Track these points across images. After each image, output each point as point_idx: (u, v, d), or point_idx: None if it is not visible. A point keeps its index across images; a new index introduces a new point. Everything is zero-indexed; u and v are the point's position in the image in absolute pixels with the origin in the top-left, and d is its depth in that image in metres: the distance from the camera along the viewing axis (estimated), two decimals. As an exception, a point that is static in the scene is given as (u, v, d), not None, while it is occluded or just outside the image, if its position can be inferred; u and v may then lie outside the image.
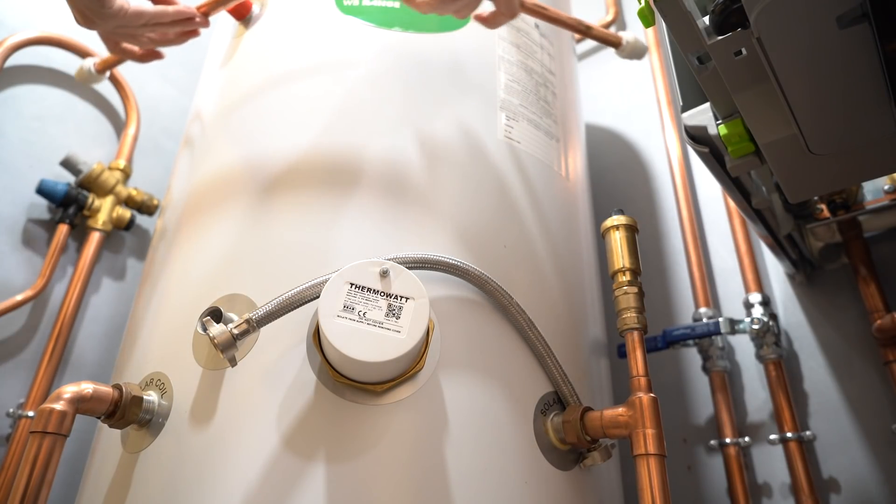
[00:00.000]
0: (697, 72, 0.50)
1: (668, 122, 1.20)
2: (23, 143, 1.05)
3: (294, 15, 0.81)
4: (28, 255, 1.02)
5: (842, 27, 0.40)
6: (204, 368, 0.59)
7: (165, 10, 0.73)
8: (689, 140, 0.60)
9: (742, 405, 0.97)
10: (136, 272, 1.18)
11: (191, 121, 0.88)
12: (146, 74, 1.26)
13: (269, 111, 0.74)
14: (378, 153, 0.68)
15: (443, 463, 0.54)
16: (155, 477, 0.55)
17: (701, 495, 0.97)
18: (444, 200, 0.67)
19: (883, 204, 0.81)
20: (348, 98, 0.72)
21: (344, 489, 0.51)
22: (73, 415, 0.51)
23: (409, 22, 0.78)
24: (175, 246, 0.73)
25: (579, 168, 0.89)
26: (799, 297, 0.99)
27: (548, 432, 0.61)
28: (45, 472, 0.48)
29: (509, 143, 0.75)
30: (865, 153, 0.53)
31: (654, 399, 0.55)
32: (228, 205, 0.69)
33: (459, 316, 0.61)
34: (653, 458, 0.52)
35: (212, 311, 0.57)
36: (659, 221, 1.18)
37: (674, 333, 0.97)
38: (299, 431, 0.53)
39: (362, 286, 0.53)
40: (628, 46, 0.88)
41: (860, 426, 0.87)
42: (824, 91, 0.45)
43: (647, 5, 0.47)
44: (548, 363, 0.63)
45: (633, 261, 0.62)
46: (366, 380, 0.54)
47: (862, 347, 0.91)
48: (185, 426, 0.56)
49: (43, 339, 1.01)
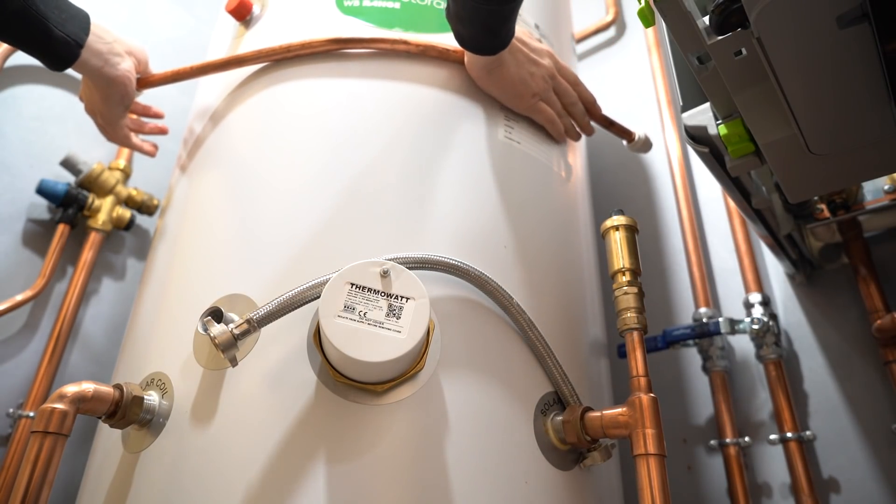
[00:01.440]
0: (697, 72, 0.50)
1: (668, 122, 1.20)
2: (23, 143, 1.05)
3: (294, 16, 0.81)
4: (28, 255, 1.02)
5: (842, 27, 0.40)
6: (205, 368, 0.59)
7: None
8: (689, 140, 0.61)
9: (742, 405, 0.98)
10: (136, 272, 1.18)
11: (191, 121, 0.88)
12: (146, 74, 1.26)
13: (270, 111, 0.74)
14: (378, 153, 0.68)
15: (443, 463, 0.54)
16: (156, 477, 0.55)
17: (701, 495, 0.97)
18: (444, 200, 0.67)
19: (883, 204, 0.81)
20: (349, 98, 0.72)
21: (344, 489, 0.51)
22: (73, 415, 0.51)
23: (410, 22, 0.78)
24: (176, 246, 0.73)
25: (579, 168, 0.89)
26: (799, 297, 0.99)
27: (548, 432, 0.61)
28: (46, 471, 0.48)
29: (509, 143, 0.75)
30: (865, 153, 0.53)
31: (654, 399, 0.55)
32: (229, 204, 0.69)
33: (460, 316, 0.62)
34: (653, 458, 0.52)
35: (212, 311, 0.57)
36: (659, 221, 1.18)
37: (674, 333, 0.97)
38: (300, 431, 0.53)
39: (363, 286, 0.53)
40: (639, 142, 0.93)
41: (860, 426, 0.87)
42: (824, 91, 0.45)
43: (647, 5, 0.47)
44: (548, 363, 0.63)
45: (633, 261, 0.62)
46: (366, 380, 0.54)
47: (862, 347, 0.91)
48: (185, 426, 0.56)
49: (43, 339, 1.01)
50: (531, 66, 0.76)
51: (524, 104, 0.77)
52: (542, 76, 0.76)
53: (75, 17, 0.71)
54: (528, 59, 0.75)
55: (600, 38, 1.44)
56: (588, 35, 1.43)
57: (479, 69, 0.74)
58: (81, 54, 0.72)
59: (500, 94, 0.76)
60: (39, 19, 0.66)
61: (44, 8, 0.66)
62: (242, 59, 0.77)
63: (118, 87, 0.77)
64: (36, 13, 0.66)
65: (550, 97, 0.79)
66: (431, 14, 0.79)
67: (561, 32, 0.97)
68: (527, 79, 0.75)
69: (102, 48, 0.74)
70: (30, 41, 0.68)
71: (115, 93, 0.78)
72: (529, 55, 0.76)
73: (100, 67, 0.74)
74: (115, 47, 0.77)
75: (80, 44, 0.71)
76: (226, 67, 0.79)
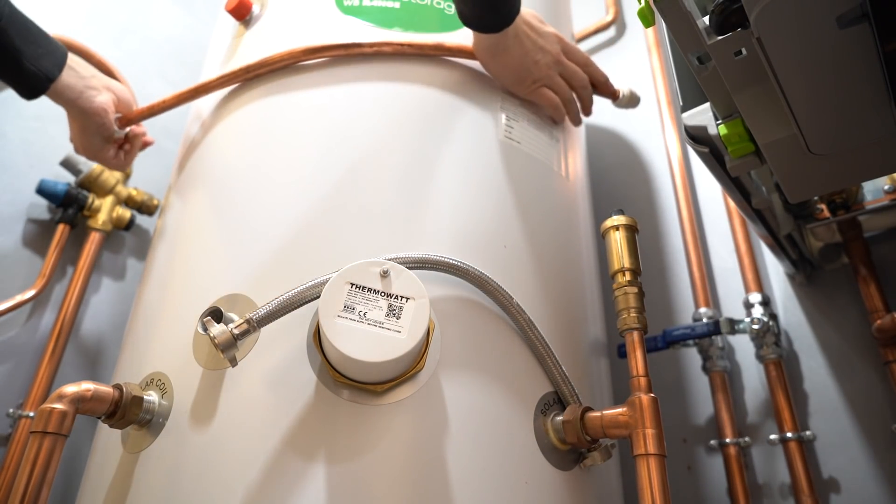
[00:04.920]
0: (697, 72, 0.50)
1: (668, 122, 1.20)
2: (23, 143, 1.05)
3: (294, 15, 0.81)
4: (28, 255, 1.02)
5: (842, 27, 0.40)
6: (204, 368, 0.59)
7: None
8: (689, 140, 0.61)
9: (742, 405, 0.97)
10: (136, 272, 1.18)
11: (191, 121, 0.88)
12: (146, 74, 1.26)
13: (267, 111, 0.74)
14: (377, 153, 0.68)
15: (443, 463, 0.54)
16: (155, 477, 0.55)
17: (701, 495, 0.97)
18: (444, 200, 0.67)
19: (883, 204, 0.81)
20: (348, 98, 0.72)
21: (344, 489, 0.51)
22: (73, 415, 0.51)
23: (409, 22, 0.78)
24: (175, 245, 0.73)
25: (579, 168, 0.89)
26: (799, 297, 0.99)
27: (548, 432, 0.61)
28: (45, 471, 0.48)
29: (509, 143, 0.75)
30: (865, 153, 0.53)
31: (654, 399, 0.55)
32: (229, 204, 0.69)
33: (460, 316, 0.62)
34: (653, 458, 0.52)
35: (212, 311, 0.57)
36: (659, 221, 1.18)
37: (674, 333, 0.97)
38: (300, 431, 0.53)
39: (363, 286, 0.53)
40: (624, 98, 0.92)
41: (860, 426, 0.87)
42: (824, 91, 0.45)
43: (647, 5, 0.47)
44: (548, 363, 0.63)
45: (633, 261, 0.62)
46: (366, 380, 0.54)
47: (862, 347, 0.91)
48: (185, 426, 0.56)
49: (43, 339, 1.01)
50: (537, 53, 0.76)
51: (525, 89, 0.78)
52: (546, 63, 0.77)
53: (51, 54, 0.76)
54: (536, 45, 0.76)
55: (600, 38, 1.44)
56: (588, 35, 1.43)
57: (483, 51, 0.75)
58: (53, 87, 0.76)
59: (502, 77, 0.77)
60: (13, 53, 0.72)
61: (19, 42, 0.72)
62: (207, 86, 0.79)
63: (94, 118, 0.80)
64: (10, 46, 0.71)
65: (556, 82, 0.80)
66: (431, 13, 0.79)
67: (561, 32, 0.96)
68: (530, 66, 0.76)
69: (77, 82, 0.78)
70: (1, 71, 0.74)
71: (92, 124, 0.81)
72: (537, 41, 0.77)
73: (74, 99, 0.78)
74: (92, 82, 0.80)
75: (51, 78, 0.76)
76: (196, 95, 0.81)
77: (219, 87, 0.80)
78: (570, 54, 0.81)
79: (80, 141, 0.84)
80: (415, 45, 0.74)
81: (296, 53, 0.74)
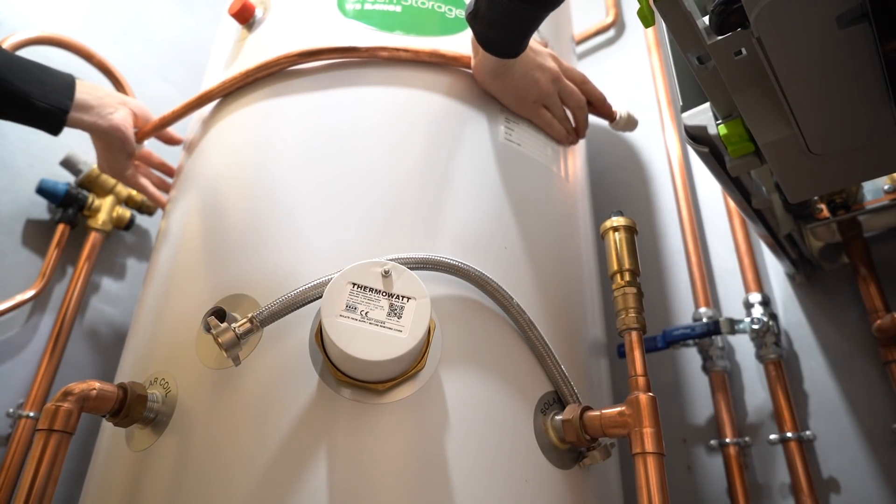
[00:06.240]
0: (697, 72, 0.51)
1: (668, 122, 1.20)
2: (23, 143, 1.05)
3: (296, 19, 0.81)
4: (28, 255, 1.02)
5: (842, 27, 0.40)
6: (208, 367, 0.59)
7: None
8: (689, 140, 0.61)
9: (742, 405, 0.98)
10: (136, 272, 1.18)
11: (192, 123, 0.89)
12: (146, 74, 1.26)
13: (272, 112, 0.74)
14: (380, 156, 0.69)
15: (443, 461, 0.54)
16: (159, 475, 0.56)
17: (701, 495, 0.97)
18: (445, 202, 0.67)
19: (883, 204, 0.81)
20: (353, 101, 0.73)
21: (346, 487, 0.51)
22: (78, 413, 0.52)
23: (411, 26, 0.78)
24: (179, 245, 0.73)
25: (579, 169, 0.89)
26: (799, 297, 0.99)
27: (548, 431, 0.61)
28: (51, 469, 0.49)
29: (510, 145, 0.76)
30: (865, 153, 0.53)
31: (653, 398, 0.55)
32: (230, 204, 0.70)
33: (460, 316, 0.62)
34: (651, 457, 0.52)
35: (215, 310, 0.57)
36: (658, 221, 1.18)
37: (674, 333, 0.97)
38: (302, 430, 0.53)
39: (364, 286, 0.53)
40: (621, 121, 0.89)
41: (860, 426, 0.87)
42: (824, 91, 0.45)
43: (647, 5, 0.48)
44: (548, 363, 0.63)
45: (632, 261, 0.62)
46: (368, 379, 0.54)
47: (862, 347, 0.91)
48: (189, 425, 0.57)
49: (43, 339, 1.01)
50: (537, 71, 0.76)
51: (525, 108, 0.78)
52: (546, 81, 0.77)
53: (59, 87, 0.76)
54: (535, 64, 0.76)
55: (600, 38, 1.44)
56: (588, 37, 1.44)
57: (486, 73, 0.74)
58: (70, 116, 0.76)
59: (502, 97, 0.77)
60: (20, 96, 0.72)
61: (22, 85, 0.72)
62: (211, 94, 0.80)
63: (116, 134, 0.80)
64: (15, 91, 0.71)
65: (553, 102, 0.79)
66: (432, 17, 0.79)
67: (561, 34, 0.97)
68: (530, 84, 0.76)
69: (93, 103, 0.79)
70: (17, 115, 0.74)
71: (115, 140, 0.81)
72: (535, 59, 0.76)
73: (93, 122, 0.79)
74: (106, 100, 0.81)
75: (66, 110, 0.76)
76: (202, 103, 0.82)
77: (221, 95, 0.80)
78: (567, 72, 0.81)
79: (106, 161, 0.84)
80: (411, 50, 0.75)
81: (291, 57, 0.75)
